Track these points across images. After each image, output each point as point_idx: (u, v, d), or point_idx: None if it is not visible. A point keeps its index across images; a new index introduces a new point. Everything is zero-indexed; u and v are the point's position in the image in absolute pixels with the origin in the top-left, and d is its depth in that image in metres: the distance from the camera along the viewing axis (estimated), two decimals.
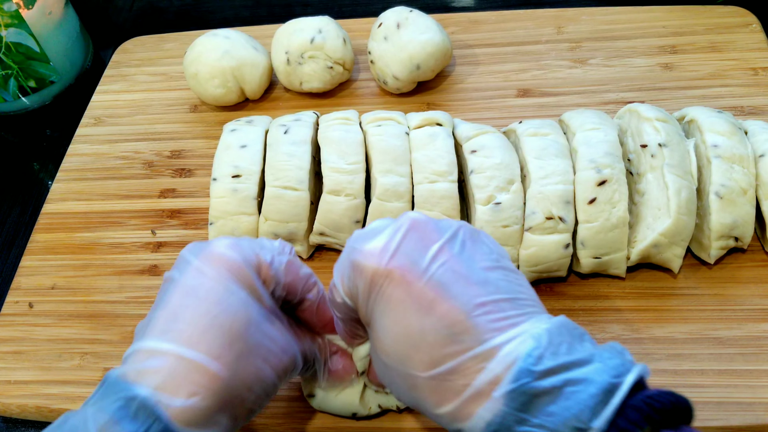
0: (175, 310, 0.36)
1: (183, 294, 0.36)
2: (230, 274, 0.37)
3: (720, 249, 0.50)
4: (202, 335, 0.35)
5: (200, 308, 0.35)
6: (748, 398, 0.45)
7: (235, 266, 0.37)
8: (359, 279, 0.36)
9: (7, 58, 0.68)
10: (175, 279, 0.37)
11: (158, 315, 0.36)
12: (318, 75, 0.64)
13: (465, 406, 0.32)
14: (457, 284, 0.34)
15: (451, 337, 0.33)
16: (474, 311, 0.33)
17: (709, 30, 0.67)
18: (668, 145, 0.49)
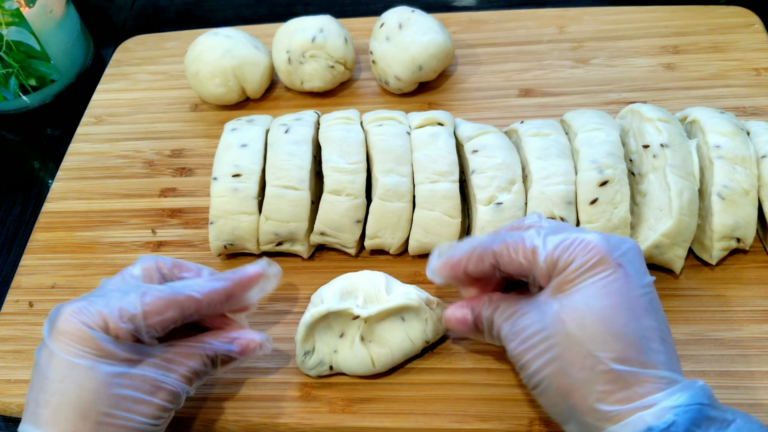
0: (36, 395, 0.39)
1: (39, 376, 0.39)
2: (74, 345, 0.39)
3: (722, 250, 0.50)
4: (55, 416, 0.38)
5: (51, 388, 0.38)
6: (749, 400, 0.45)
7: (76, 335, 0.39)
8: (584, 253, 0.38)
9: (8, 57, 0.68)
10: (35, 360, 0.40)
11: (28, 399, 0.40)
12: (319, 74, 0.64)
13: (630, 412, 0.35)
14: (658, 315, 0.38)
15: (645, 350, 0.36)
16: (666, 342, 0.37)
17: (711, 30, 0.67)
18: (670, 145, 0.49)
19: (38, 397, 0.39)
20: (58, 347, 0.39)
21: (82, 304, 0.40)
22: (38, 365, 0.40)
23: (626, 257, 0.38)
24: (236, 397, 0.49)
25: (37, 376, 0.39)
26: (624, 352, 0.36)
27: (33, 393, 0.39)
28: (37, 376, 0.39)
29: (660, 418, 0.34)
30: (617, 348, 0.36)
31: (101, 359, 0.39)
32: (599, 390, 0.36)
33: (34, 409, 0.39)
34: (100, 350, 0.39)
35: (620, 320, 0.36)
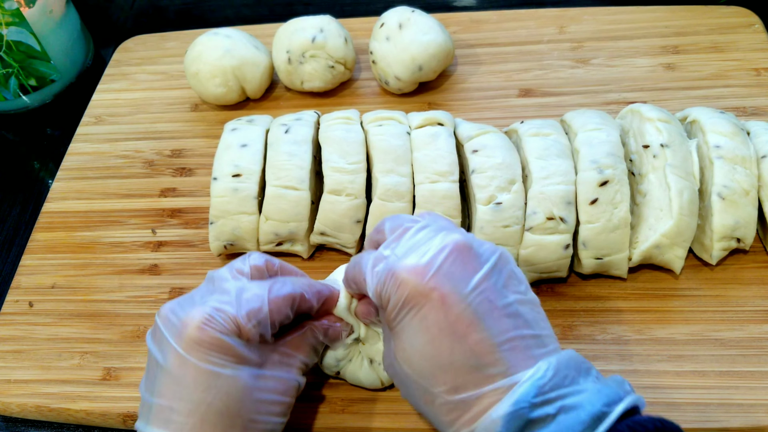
0: (170, 402, 0.37)
1: (173, 383, 0.37)
2: (214, 354, 0.38)
3: (722, 250, 0.50)
4: (202, 426, 0.36)
5: (193, 398, 0.37)
6: (749, 400, 0.45)
7: (214, 344, 0.38)
8: (395, 290, 0.36)
9: (8, 57, 0.68)
10: (161, 364, 0.38)
11: (157, 404, 0.38)
12: (319, 74, 0.64)
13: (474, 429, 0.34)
14: (491, 316, 0.35)
15: (478, 368, 0.34)
16: (503, 345, 0.35)
17: (711, 30, 0.67)
18: (670, 145, 0.49)
19: (176, 405, 0.37)
20: (197, 357, 0.37)
21: (212, 311, 0.38)
22: (169, 371, 0.38)
23: (442, 272, 0.36)
24: None
25: (170, 383, 0.37)
26: (455, 381, 0.35)
27: (163, 399, 0.38)
28: (169, 382, 0.38)
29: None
30: (448, 380, 0.35)
31: (240, 365, 0.38)
32: (445, 420, 0.36)
33: (167, 416, 0.37)
34: (237, 357, 0.38)
35: (443, 352, 0.35)
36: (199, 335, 0.37)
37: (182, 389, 0.37)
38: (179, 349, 0.38)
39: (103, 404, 0.49)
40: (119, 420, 0.49)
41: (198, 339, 0.37)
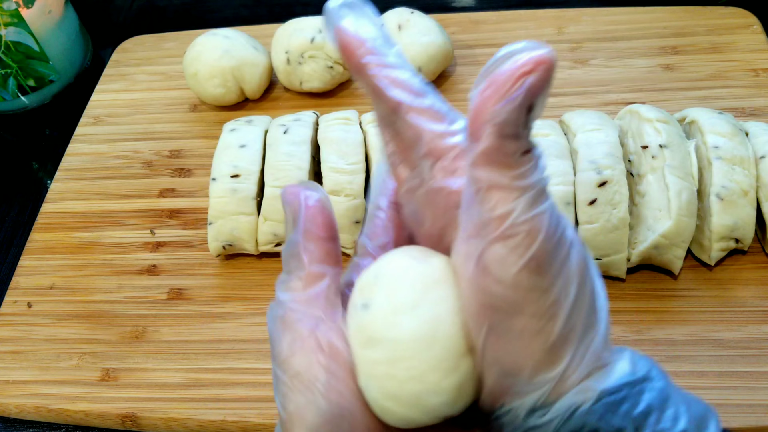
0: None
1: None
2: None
3: (721, 250, 0.50)
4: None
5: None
6: (748, 400, 0.45)
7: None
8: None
9: (7, 57, 0.68)
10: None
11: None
12: (318, 75, 0.64)
13: (564, 386, 0.25)
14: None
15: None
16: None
17: (710, 31, 0.67)
18: (669, 146, 0.49)
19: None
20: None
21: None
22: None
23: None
24: (236, 397, 0.49)
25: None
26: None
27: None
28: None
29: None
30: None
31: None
32: (537, 360, 0.26)
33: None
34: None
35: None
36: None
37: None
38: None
39: (102, 405, 0.49)
40: (118, 421, 0.49)
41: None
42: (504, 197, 0.23)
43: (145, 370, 0.51)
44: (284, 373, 0.27)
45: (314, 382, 0.27)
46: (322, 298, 0.28)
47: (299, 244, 0.29)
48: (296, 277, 0.28)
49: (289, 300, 0.28)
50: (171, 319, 0.53)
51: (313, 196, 0.29)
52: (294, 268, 0.29)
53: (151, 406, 0.49)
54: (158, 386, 0.50)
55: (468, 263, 0.25)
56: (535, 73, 0.23)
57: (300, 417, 0.27)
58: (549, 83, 0.23)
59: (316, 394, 0.27)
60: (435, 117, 0.26)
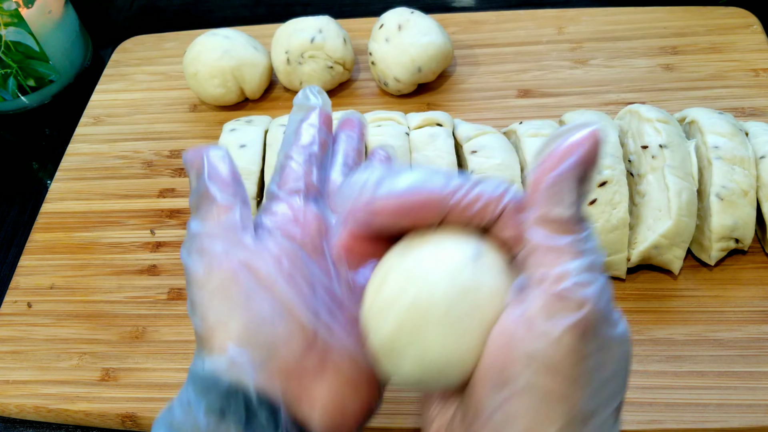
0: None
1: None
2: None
3: (720, 251, 0.50)
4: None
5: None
6: (748, 400, 0.45)
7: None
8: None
9: (7, 57, 0.68)
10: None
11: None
12: (318, 75, 0.64)
13: None
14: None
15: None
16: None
17: (710, 31, 0.67)
18: (669, 146, 0.49)
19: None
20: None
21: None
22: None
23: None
24: None
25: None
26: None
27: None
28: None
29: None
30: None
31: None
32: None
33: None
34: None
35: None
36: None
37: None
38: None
39: (102, 405, 0.49)
40: (118, 421, 0.49)
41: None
42: (560, 258, 0.24)
43: (145, 370, 0.51)
44: (202, 291, 0.29)
45: (234, 293, 0.28)
46: (235, 227, 0.30)
47: (206, 185, 0.31)
48: (207, 213, 0.31)
49: (201, 230, 0.30)
50: (171, 319, 0.53)
51: (215, 150, 0.33)
52: (204, 208, 0.31)
53: (151, 406, 0.49)
54: (158, 386, 0.50)
55: (511, 317, 0.25)
56: (585, 144, 0.25)
57: (222, 326, 0.28)
58: (598, 155, 0.25)
59: (237, 303, 0.28)
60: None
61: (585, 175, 0.25)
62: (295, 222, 0.32)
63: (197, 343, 0.29)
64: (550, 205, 0.25)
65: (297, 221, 0.32)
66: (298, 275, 0.30)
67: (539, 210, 0.25)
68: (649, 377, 0.46)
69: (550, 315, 0.24)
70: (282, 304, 0.29)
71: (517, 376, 0.24)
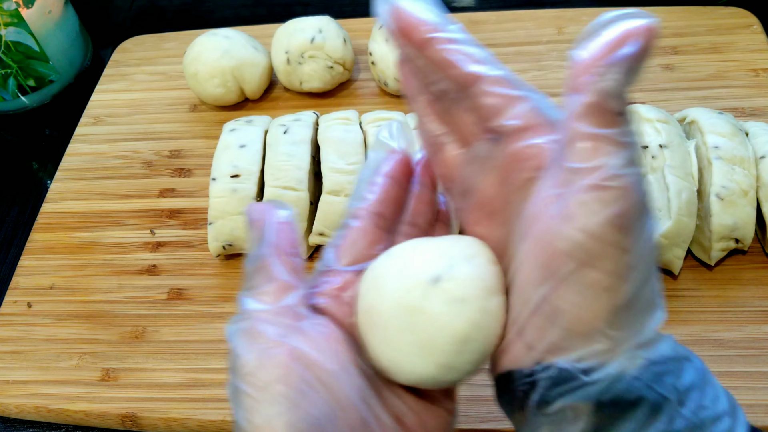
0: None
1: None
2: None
3: (721, 251, 0.50)
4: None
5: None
6: (748, 400, 0.45)
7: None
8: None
9: (7, 57, 0.68)
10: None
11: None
12: (318, 75, 0.64)
13: (616, 351, 0.25)
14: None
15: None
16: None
17: (710, 31, 0.67)
18: (669, 146, 0.49)
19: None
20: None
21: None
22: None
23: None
24: None
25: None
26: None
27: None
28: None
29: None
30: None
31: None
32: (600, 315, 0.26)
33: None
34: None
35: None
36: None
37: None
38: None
39: (102, 405, 0.49)
40: (118, 420, 0.49)
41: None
42: (604, 149, 0.23)
43: (145, 370, 0.51)
44: (250, 386, 0.26)
45: (286, 392, 0.25)
46: (292, 310, 0.27)
47: (267, 258, 0.28)
48: (264, 291, 0.28)
49: (257, 311, 0.27)
50: (171, 319, 0.53)
51: (282, 213, 0.29)
52: (260, 282, 0.28)
53: (151, 406, 0.49)
54: (158, 386, 0.50)
55: (550, 208, 0.24)
56: (642, 37, 0.23)
57: (270, 429, 0.25)
58: (651, 50, 0.23)
59: (287, 405, 0.25)
60: (515, 86, 0.28)
61: (637, 68, 0.24)
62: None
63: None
64: (598, 95, 0.23)
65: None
66: (351, 365, 0.28)
67: (587, 97, 0.24)
68: None
69: (589, 208, 0.23)
70: (337, 402, 0.26)
71: (562, 270, 0.24)
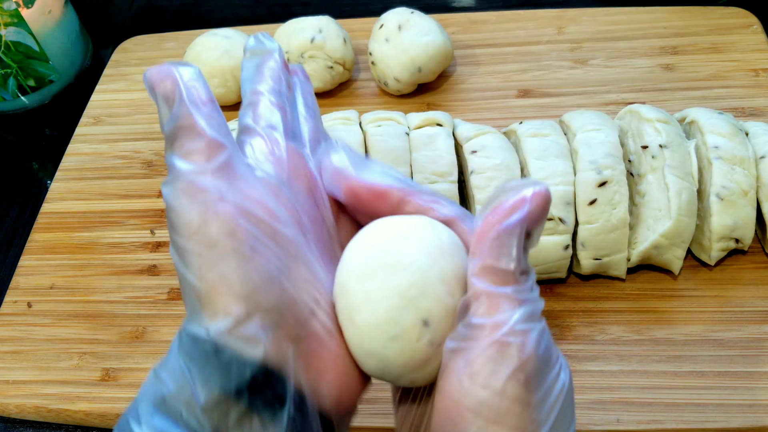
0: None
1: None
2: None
3: (721, 251, 0.50)
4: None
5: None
6: (748, 400, 0.45)
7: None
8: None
9: (7, 57, 0.68)
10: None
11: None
12: (318, 75, 0.64)
13: None
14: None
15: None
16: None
17: (710, 31, 0.67)
18: (669, 146, 0.49)
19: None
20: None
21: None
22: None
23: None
24: None
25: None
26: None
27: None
28: None
29: None
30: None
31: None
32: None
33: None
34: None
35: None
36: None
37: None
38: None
39: (102, 405, 0.49)
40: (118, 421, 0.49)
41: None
42: (500, 306, 0.25)
43: (145, 370, 0.51)
44: (198, 244, 0.25)
45: (240, 248, 0.25)
46: (230, 167, 0.27)
47: (189, 115, 0.27)
48: (193, 150, 0.26)
49: (191, 171, 0.26)
50: (171, 319, 0.53)
51: (189, 70, 0.28)
52: (186, 140, 0.26)
53: None
54: None
55: (459, 362, 0.25)
56: (532, 202, 0.25)
57: (227, 285, 0.24)
58: (544, 213, 0.25)
59: (240, 260, 0.25)
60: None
61: (531, 231, 0.26)
62: (276, 159, 0.29)
63: (192, 303, 0.25)
64: (494, 258, 0.25)
65: (277, 158, 0.29)
66: (292, 220, 0.27)
67: (482, 261, 0.25)
68: (649, 377, 0.46)
69: (491, 365, 0.24)
70: (288, 255, 0.26)
71: (469, 428, 0.24)
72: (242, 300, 0.24)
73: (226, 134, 0.27)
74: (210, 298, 0.25)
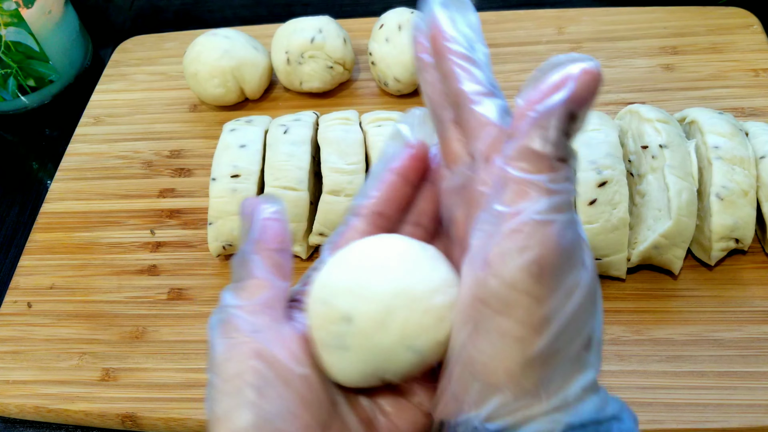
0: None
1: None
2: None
3: (721, 251, 0.50)
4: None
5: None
6: (747, 400, 0.45)
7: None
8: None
9: (7, 57, 0.68)
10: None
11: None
12: (318, 75, 0.64)
13: (532, 411, 0.24)
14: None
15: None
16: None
17: (710, 31, 0.67)
18: (669, 146, 0.49)
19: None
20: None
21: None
22: None
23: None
24: None
25: None
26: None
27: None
28: None
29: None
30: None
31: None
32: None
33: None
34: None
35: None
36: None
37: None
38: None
39: (102, 405, 0.49)
40: (118, 420, 0.49)
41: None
42: (527, 194, 0.23)
43: (145, 370, 0.51)
44: (216, 377, 0.26)
45: (244, 388, 0.25)
46: (267, 307, 0.28)
47: (248, 254, 0.28)
48: (242, 286, 0.28)
49: (232, 306, 0.28)
50: (171, 319, 0.53)
51: (268, 209, 0.29)
52: (242, 277, 0.28)
53: (151, 406, 0.49)
54: (158, 386, 0.50)
55: (475, 254, 0.24)
56: (579, 80, 0.23)
57: (227, 420, 0.25)
58: (593, 94, 0.23)
59: (244, 399, 0.25)
60: (499, 113, 0.26)
61: (576, 113, 0.23)
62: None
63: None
64: (531, 138, 0.23)
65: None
66: (310, 361, 0.28)
67: (519, 141, 0.23)
68: (649, 377, 0.46)
69: (503, 254, 0.23)
70: (299, 401, 0.26)
71: (477, 317, 0.24)
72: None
73: (282, 276, 0.29)
74: (213, 430, 0.26)
